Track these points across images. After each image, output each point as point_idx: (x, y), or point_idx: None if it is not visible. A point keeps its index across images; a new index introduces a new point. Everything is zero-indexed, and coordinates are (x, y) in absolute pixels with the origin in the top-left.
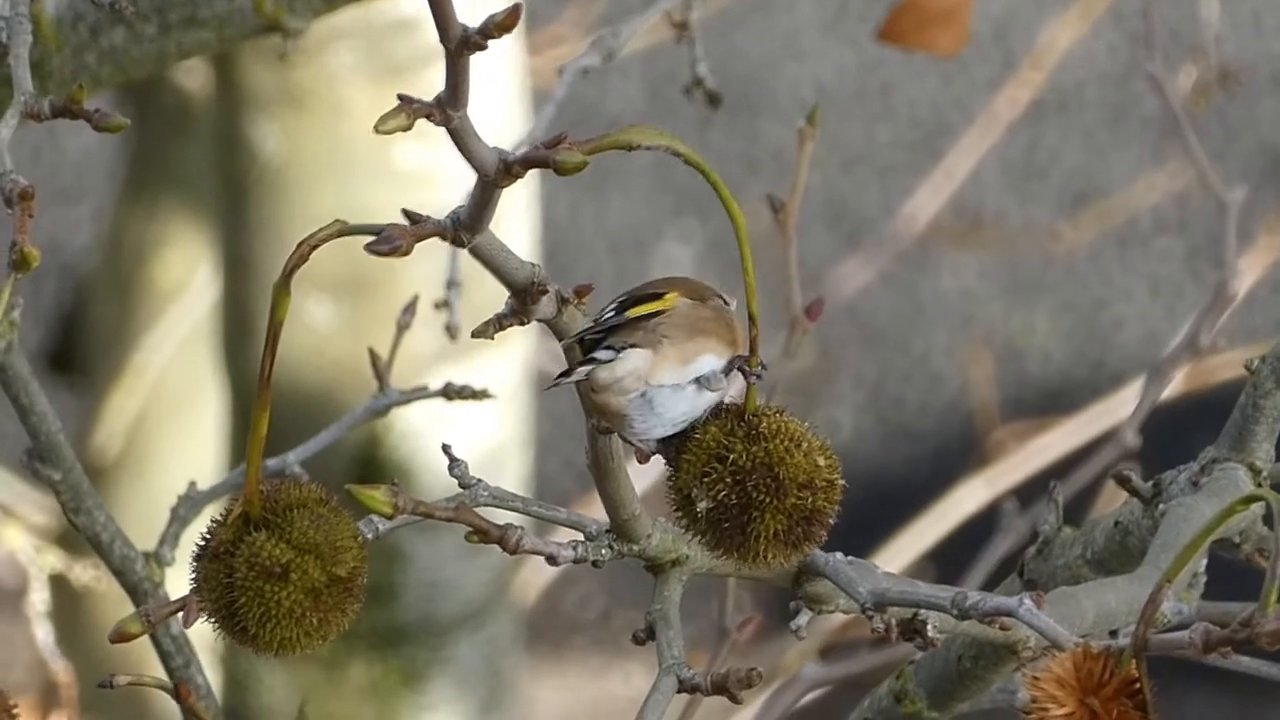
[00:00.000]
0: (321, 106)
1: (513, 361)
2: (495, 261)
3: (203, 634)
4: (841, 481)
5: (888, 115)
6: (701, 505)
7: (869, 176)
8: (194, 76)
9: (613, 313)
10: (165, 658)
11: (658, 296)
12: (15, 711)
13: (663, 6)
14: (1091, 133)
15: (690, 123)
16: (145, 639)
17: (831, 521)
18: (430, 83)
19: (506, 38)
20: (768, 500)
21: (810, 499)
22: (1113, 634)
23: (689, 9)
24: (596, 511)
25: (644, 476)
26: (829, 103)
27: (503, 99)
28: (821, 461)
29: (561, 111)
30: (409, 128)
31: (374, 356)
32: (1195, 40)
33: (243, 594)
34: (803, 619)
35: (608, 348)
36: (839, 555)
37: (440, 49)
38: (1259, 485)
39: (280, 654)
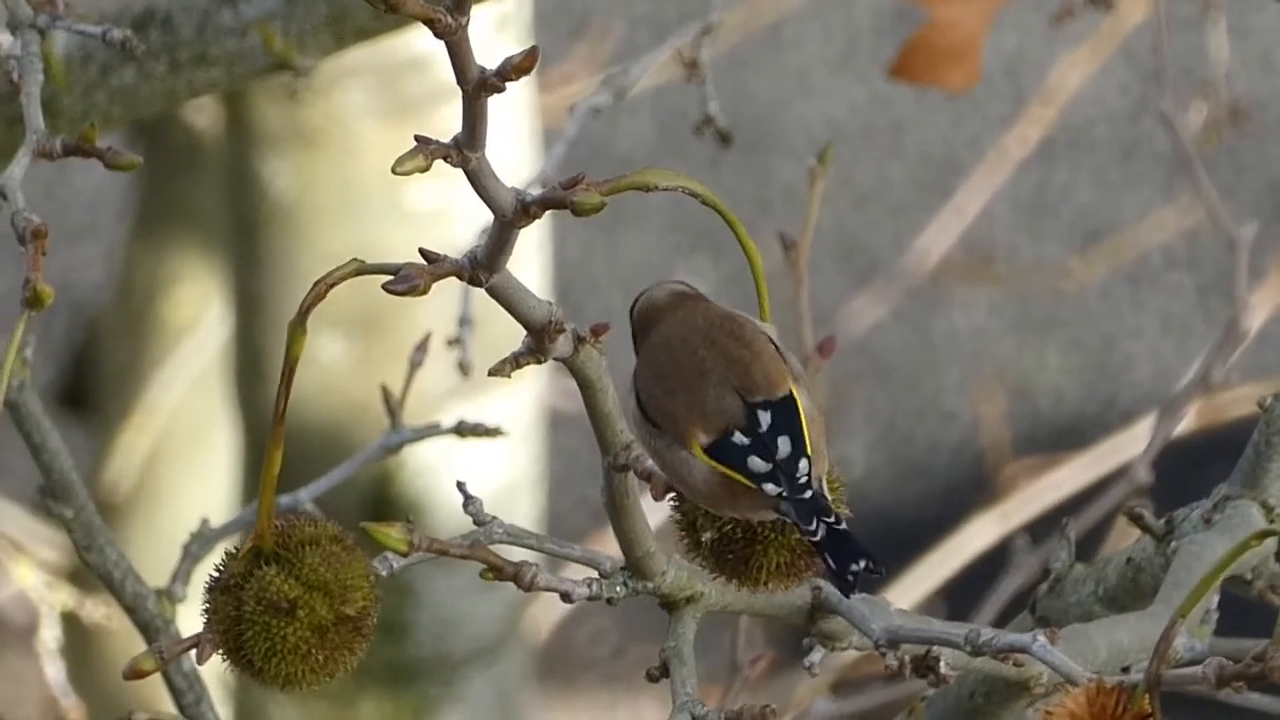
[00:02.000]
0: (332, 144)
1: (526, 398)
2: (513, 301)
3: (214, 669)
4: (847, 512)
5: (899, 153)
6: (706, 536)
7: (880, 214)
8: (204, 114)
9: (797, 461)
10: (177, 694)
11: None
12: None
13: (673, 45)
14: (1102, 170)
15: (701, 161)
16: (157, 675)
17: None
18: (442, 121)
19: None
20: (773, 535)
21: None
22: (1125, 670)
23: (699, 47)
24: (611, 548)
25: (658, 513)
26: (840, 140)
27: (513, 138)
28: (831, 495)
29: (572, 150)
30: (427, 169)
31: (386, 394)
32: (1206, 78)
33: (250, 627)
34: (816, 656)
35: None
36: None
37: (453, 87)
38: (1272, 522)
39: (285, 689)
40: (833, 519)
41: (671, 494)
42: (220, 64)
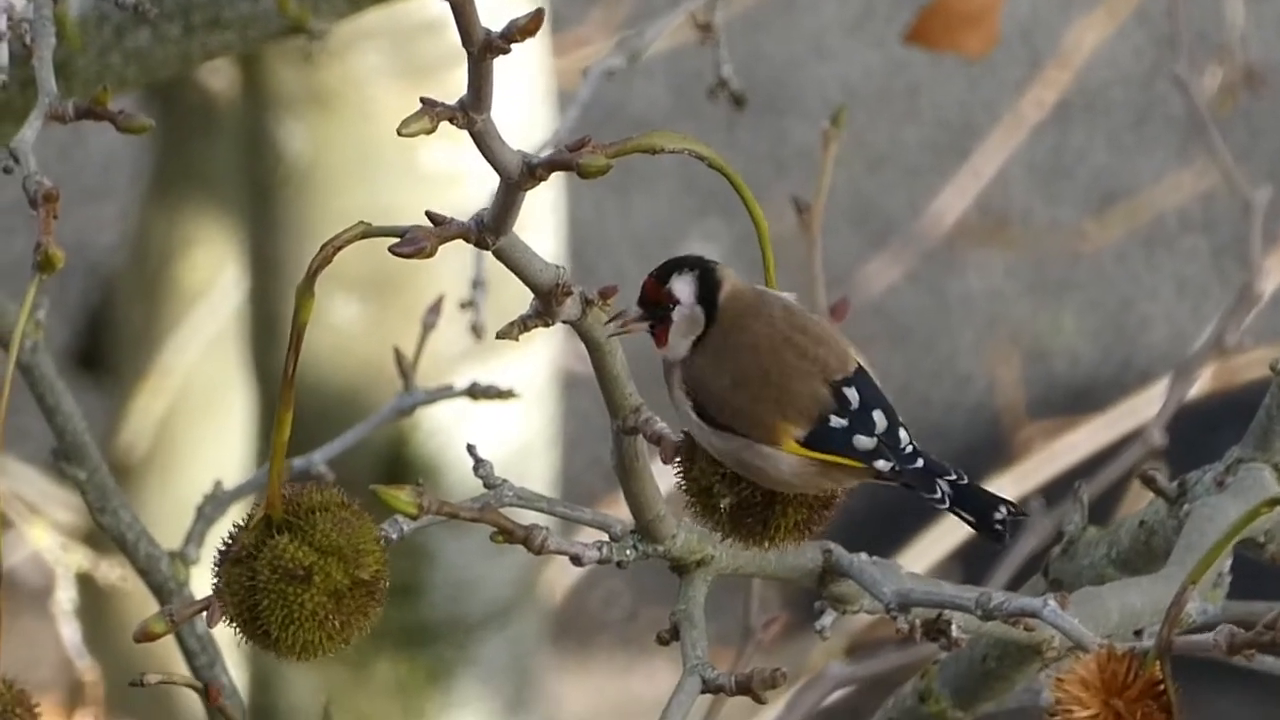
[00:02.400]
0: (347, 107)
1: (538, 360)
2: (519, 264)
3: (227, 632)
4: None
5: (914, 116)
6: (725, 502)
7: (895, 177)
8: (219, 77)
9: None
10: (190, 656)
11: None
12: (38, 710)
13: (687, 8)
14: (1117, 133)
15: (716, 124)
16: (172, 637)
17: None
18: (457, 83)
19: (531, 40)
20: (792, 496)
21: (829, 489)
22: (1137, 634)
23: (713, 10)
24: (622, 511)
25: (669, 477)
26: (855, 103)
27: (527, 100)
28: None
29: (586, 113)
30: (432, 131)
31: (399, 356)
32: (1221, 41)
33: (265, 597)
34: (827, 619)
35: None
36: (863, 556)
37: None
38: None
39: (303, 657)
40: (953, 476)
41: (679, 458)
42: (234, 27)
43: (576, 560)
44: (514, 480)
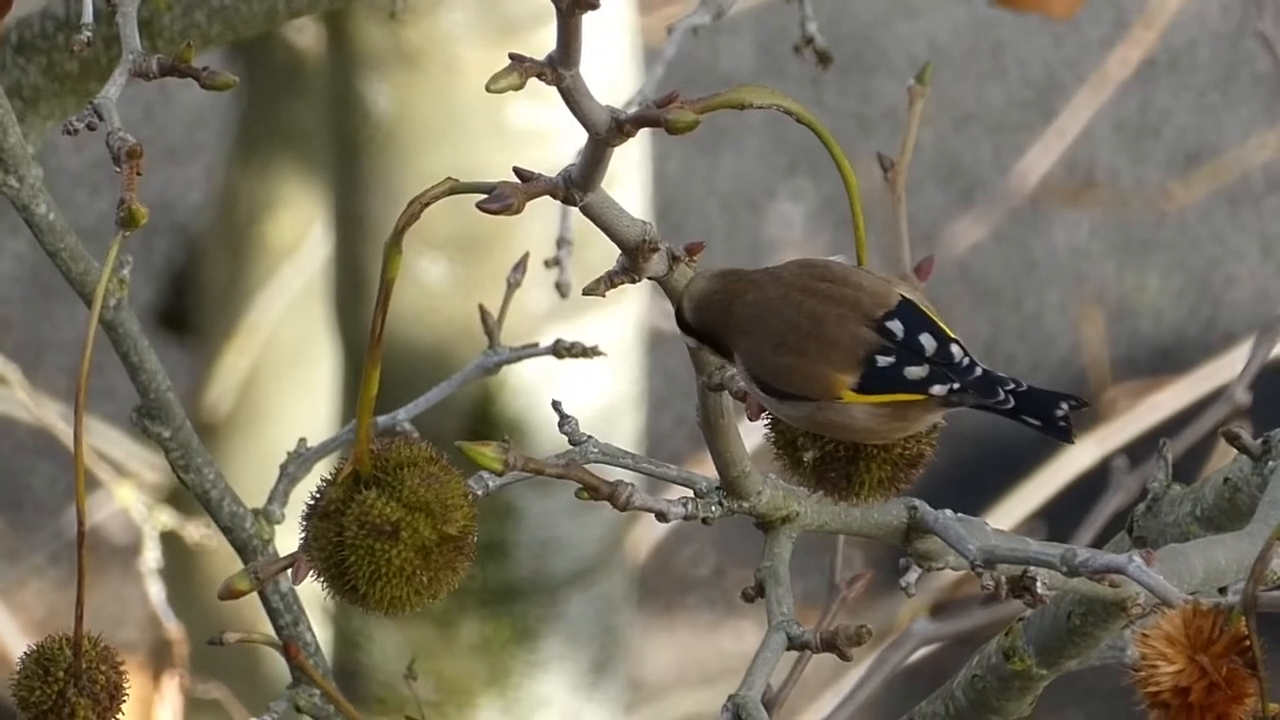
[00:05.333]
0: (434, 65)
1: (625, 319)
2: (606, 219)
3: (312, 591)
4: (943, 422)
5: (1000, 74)
6: (808, 455)
7: (981, 135)
8: (305, 34)
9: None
10: (273, 615)
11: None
12: (123, 668)
13: None
14: (1203, 92)
15: (801, 81)
16: (255, 597)
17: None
18: (543, 42)
19: None
20: (875, 451)
21: (914, 446)
22: (1222, 591)
23: None
24: (708, 469)
25: (754, 433)
26: (941, 61)
27: (613, 58)
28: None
29: (671, 70)
30: (520, 87)
31: (484, 314)
32: None
33: (353, 552)
34: (912, 576)
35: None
36: (949, 512)
37: (552, 8)
38: None
39: (390, 613)
40: (1012, 384)
41: (766, 413)
42: None
43: (662, 516)
44: (599, 439)
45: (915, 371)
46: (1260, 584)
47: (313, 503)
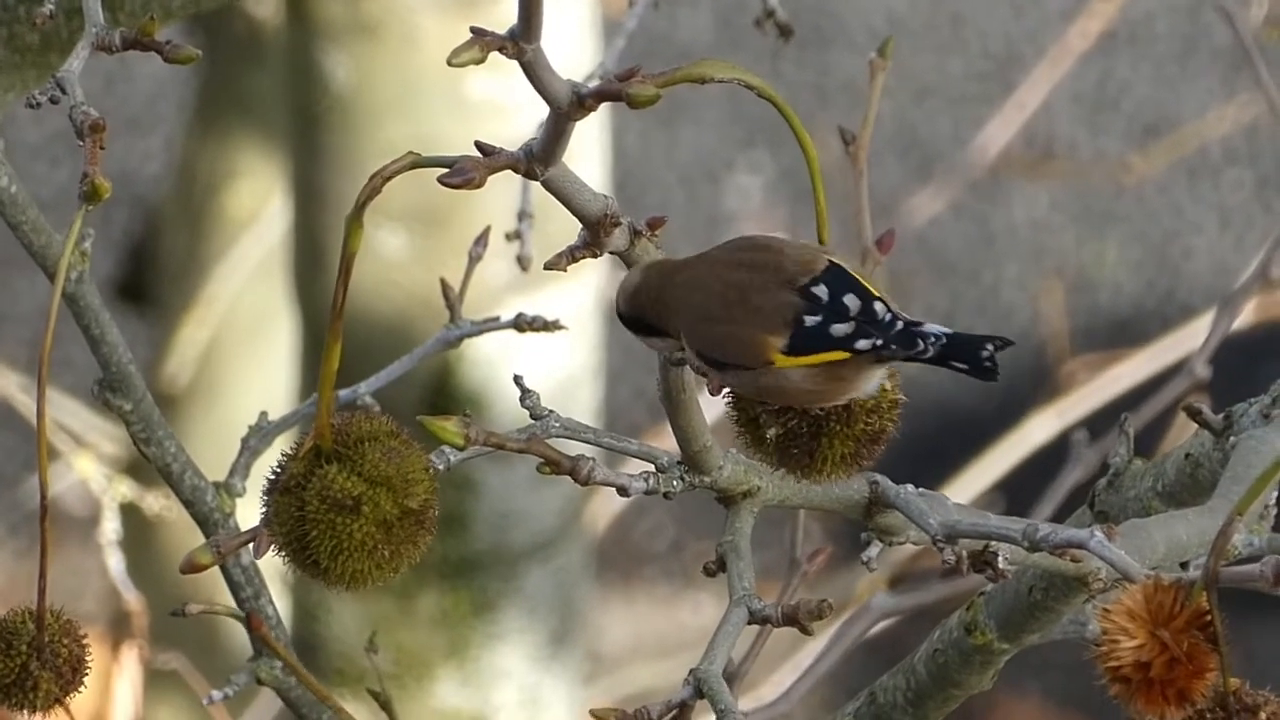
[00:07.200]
0: (393, 36)
1: (585, 292)
2: (568, 194)
3: (272, 563)
4: (903, 398)
5: (959, 46)
6: (771, 432)
7: (940, 107)
8: (265, 5)
9: (860, 305)
10: (235, 588)
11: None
12: (84, 640)
13: None
14: (1162, 64)
15: (761, 54)
16: (215, 569)
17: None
18: (502, 13)
19: None
20: (838, 428)
21: (877, 422)
22: (1183, 566)
23: None
24: (668, 442)
25: (714, 406)
26: (901, 34)
27: (573, 30)
28: (888, 384)
29: (631, 43)
30: (482, 61)
31: (445, 287)
32: None
33: (314, 527)
34: (873, 550)
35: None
36: (910, 487)
37: None
38: None
39: (352, 587)
40: (934, 335)
41: (727, 389)
42: None
43: (623, 491)
44: (559, 412)
45: (840, 329)
46: (1221, 559)
47: (274, 477)
